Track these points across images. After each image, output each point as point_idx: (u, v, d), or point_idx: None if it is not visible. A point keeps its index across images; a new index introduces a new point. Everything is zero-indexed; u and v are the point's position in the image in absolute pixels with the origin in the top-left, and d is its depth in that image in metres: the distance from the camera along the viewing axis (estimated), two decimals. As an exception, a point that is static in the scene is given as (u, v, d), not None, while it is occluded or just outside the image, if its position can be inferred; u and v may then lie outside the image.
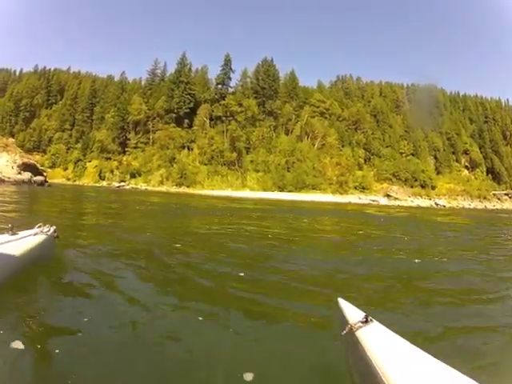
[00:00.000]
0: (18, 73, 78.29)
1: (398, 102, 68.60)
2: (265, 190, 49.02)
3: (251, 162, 51.00)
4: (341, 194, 50.99)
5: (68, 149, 62.24)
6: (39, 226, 2.80)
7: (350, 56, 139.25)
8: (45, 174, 32.35)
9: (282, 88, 56.85)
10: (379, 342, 1.13)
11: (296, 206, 22.82)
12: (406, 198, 53.57)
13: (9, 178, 25.19)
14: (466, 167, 72.31)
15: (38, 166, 32.64)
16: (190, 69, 56.53)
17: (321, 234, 8.19)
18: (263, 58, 57.08)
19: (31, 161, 31.28)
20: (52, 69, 72.59)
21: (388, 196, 52.29)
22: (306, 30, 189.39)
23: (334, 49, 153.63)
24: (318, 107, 56.96)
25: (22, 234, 2.60)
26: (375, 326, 1.24)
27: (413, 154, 62.79)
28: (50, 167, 62.48)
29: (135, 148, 55.20)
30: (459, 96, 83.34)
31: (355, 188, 53.23)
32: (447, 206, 53.00)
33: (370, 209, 27.28)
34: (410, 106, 67.90)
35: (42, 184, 27.71)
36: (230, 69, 55.64)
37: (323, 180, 51.70)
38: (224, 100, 53.58)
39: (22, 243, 2.42)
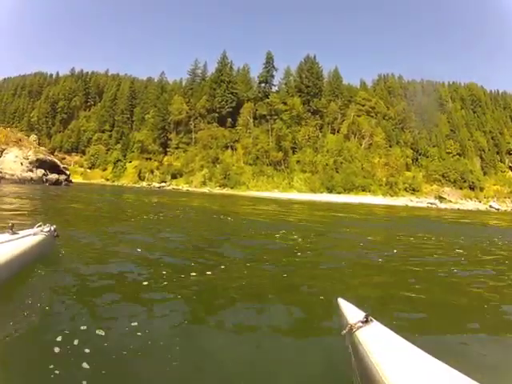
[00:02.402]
0: (54, 76, 77.77)
1: (441, 101, 64.14)
2: (313, 191, 45.80)
3: (297, 162, 47.89)
4: (391, 195, 47.33)
5: (108, 150, 60.55)
6: (39, 226, 2.71)
7: (390, 54, 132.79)
8: (68, 172, 28.97)
9: (326, 86, 53.47)
10: (379, 341, 1.10)
11: (368, 213, 17.52)
12: (458, 201, 49.36)
13: (12, 175, 22.03)
14: (510, 167, 67.35)
15: (60, 163, 28.90)
16: (231, 67, 53.84)
17: None
18: (305, 55, 53.95)
19: (50, 158, 27.63)
20: (89, 72, 71.34)
21: (440, 198, 48.19)
22: (342, 28, 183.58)
23: (374, 47, 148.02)
24: (363, 105, 53.46)
25: (22, 233, 2.53)
26: (375, 326, 1.19)
27: (459, 154, 58.35)
28: (90, 168, 61.14)
29: (177, 148, 52.90)
30: (499, 94, 78.16)
31: (405, 190, 49.34)
32: (501, 209, 48.74)
33: (448, 214, 23.71)
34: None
35: (57, 183, 24.20)
36: (273, 67, 52.71)
37: (372, 181, 48.04)
38: (268, 98, 50.59)
39: (22, 242, 2.36)
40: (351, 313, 1.31)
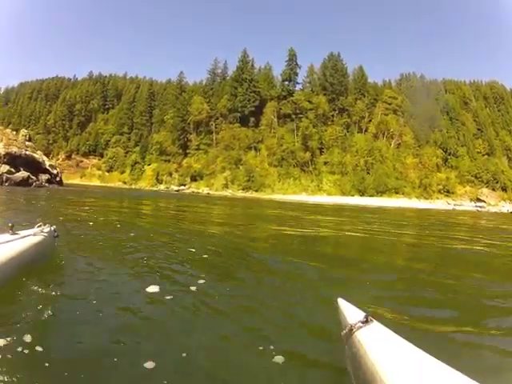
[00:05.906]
0: (71, 79, 73.50)
1: (465, 99, 58.38)
2: (343, 194, 40.44)
3: (325, 163, 42.53)
4: (425, 198, 41.75)
5: (126, 152, 55.86)
6: (39, 226, 2.54)
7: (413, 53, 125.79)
8: (55, 171, 23.12)
9: (352, 84, 48.14)
10: (379, 341, 1.06)
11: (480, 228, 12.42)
12: (497, 203, 43.47)
13: None
14: (536, 167, 60.92)
15: (44, 160, 22.76)
16: (252, 66, 48.79)
17: None
18: (329, 53, 48.74)
19: (28, 153, 21.18)
20: (108, 74, 66.80)
21: (479, 201, 42.42)
22: (352, 28, 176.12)
23: (396, 45, 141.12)
24: (389, 104, 47.98)
25: (22, 233, 2.39)
26: (375, 326, 1.14)
27: (488, 154, 52.52)
28: (108, 171, 56.61)
29: (197, 149, 47.91)
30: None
31: (439, 191, 43.71)
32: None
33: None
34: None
35: (25, 184, 18.07)
36: (296, 64, 47.53)
37: (405, 182, 42.50)
38: (292, 96, 45.38)
39: (22, 243, 2.23)
40: (351, 313, 1.23)
